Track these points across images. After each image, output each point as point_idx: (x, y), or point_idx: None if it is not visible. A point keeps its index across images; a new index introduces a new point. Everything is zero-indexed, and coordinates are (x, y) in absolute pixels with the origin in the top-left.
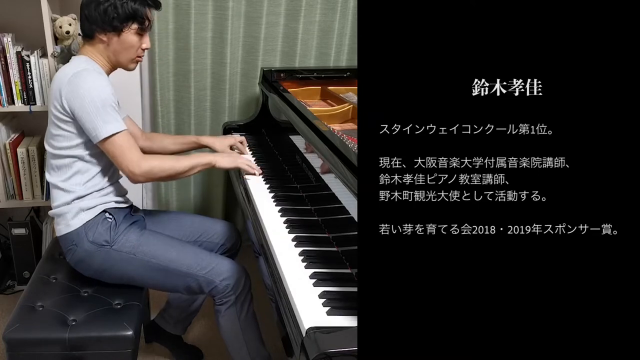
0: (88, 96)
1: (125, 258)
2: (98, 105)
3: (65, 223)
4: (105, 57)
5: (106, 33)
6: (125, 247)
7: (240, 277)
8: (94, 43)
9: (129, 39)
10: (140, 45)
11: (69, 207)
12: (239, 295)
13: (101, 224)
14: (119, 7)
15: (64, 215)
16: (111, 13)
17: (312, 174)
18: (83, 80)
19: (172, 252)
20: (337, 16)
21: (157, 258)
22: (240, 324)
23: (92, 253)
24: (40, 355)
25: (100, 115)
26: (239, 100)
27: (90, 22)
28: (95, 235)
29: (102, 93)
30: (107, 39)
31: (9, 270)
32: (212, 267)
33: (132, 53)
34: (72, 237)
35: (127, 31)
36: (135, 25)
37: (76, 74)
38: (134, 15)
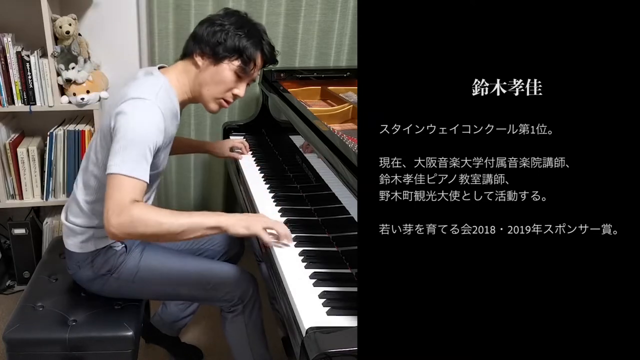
0: (128, 127)
1: (125, 285)
2: (128, 140)
3: (75, 241)
4: (189, 83)
5: (204, 56)
6: (125, 274)
7: (248, 286)
8: (188, 63)
9: (224, 74)
10: (233, 87)
11: (83, 230)
12: (247, 304)
13: (107, 252)
14: (230, 37)
15: (76, 235)
16: (219, 37)
17: (312, 174)
18: (135, 110)
19: (172, 274)
20: (337, 16)
21: (158, 282)
22: (247, 331)
23: (92, 280)
24: (40, 355)
25: (124, 150)
26: (239, 100)
27: (194, 40)
28: (100, 265)
29: (143, 131)
30: (202, 64)
31: (9, 270)
32: (215, 280)
33: (219, 91)
34: (78, 259)
35: (227, 64)
36: (238, 62)
37: (138, 100)
38: (242, 51)
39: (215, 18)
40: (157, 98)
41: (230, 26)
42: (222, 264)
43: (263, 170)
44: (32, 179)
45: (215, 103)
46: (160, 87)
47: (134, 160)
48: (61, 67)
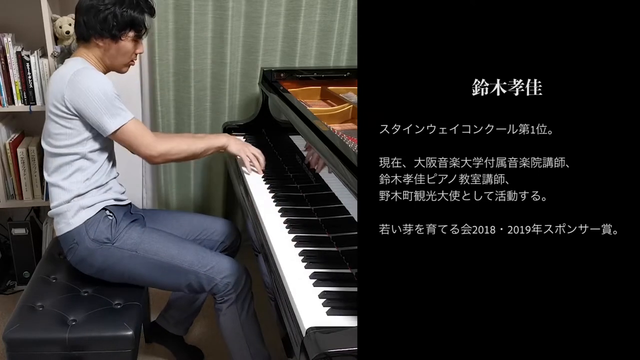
0: (92, 92)
1: (127, 255)
2: (103, 99)
3: (65, 222)
4: (99, 60)
5: (103, 39)
6: (127, 244)
7: (241, 276)
8: (90, 46)
9: (126, 46)
10: (134, 50)
11: (69, 205)
12: (240, 294)
13: (102, 221)
14: (119, 16)
15: (64, 214)
16: (111, 21)
17: (312, 174)
18: (84, 78)
19: (174, 249)
20: (337, 16)
21: (159, 255)
22: (241, 322)
23: (94, 251)
24: (40, 355)
25: (107, 109)
26: (239, 100)
27: (87, 28)
28: (97, 233)
29: (104, 87)
30: (103, 45)
31: (9, 270)
32: (212, 264)
33: (126, 58)
34: (73, 236)
35: (125, 38)
36: (132, 32)
37: (76, 73)
38: (132, 23)
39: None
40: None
41: (113, 6)
42: (219, 253)
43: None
44: (32, 179)
45: (126, 67)
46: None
47: (119, 109)
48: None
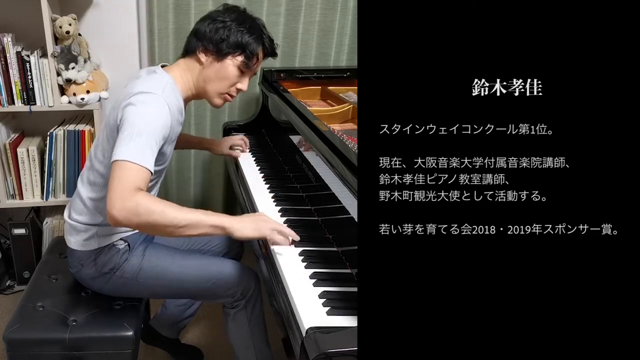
0: (135, 117)
1: (129, 283)
2: (135, 130)
3: (77, 239)
4: (193, 80)
5: (207, 53)
6: (128, 272)
7: (249, 281)
8: (190, 60)
9: (228, 70)
10: (236, 82)
11: (86, 227)
12: (249, 300)
13: (110, 250)
14: (233, 33)
15: (79, 232)
16: (222, 34)
17: (312, 174)
18: (144, 103)
19: (175, 270)
20: (337, 16)
21: (161, 280)
22: (250, 327)
23: (95, 278)
24: (40, 355)
25: (132, 138)
26: (239, 100)
27: (197, 37)
28: (103, 263)
29: (151, 121)
30: (205, 60)
31: (9, 270)
32: (218, 277)
33: (224, 86)
34: (80, 257)
35: (230, 60)
36: (241, 57)
37: (147, 94)
38: (244, 47)
39: (216, 15)
40: (164, 93)
41: (232, 22)
42: (224, 260)
43: (263, 170)
44: (32, 179)
45: (219, 98)
46: (166, 84)
47: (140, 148)
48: (61, 67)
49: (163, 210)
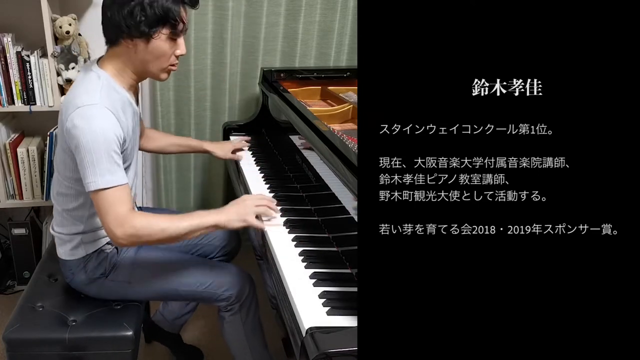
0: (85, 141)
1: (121, 287)
2: (93, 154)
3: (65, 249)
4: (130, 68)
5: (133, 39)
6: (120, 275)
7: (244, 285)
8: (119, 51)
9: (160, 46)
10: (173, 51)
11: (70, 237)
12: (244, 303)
13: (99, 256)
14: (148, 8)
15: (65, 243)
16: (138, 15)
17: (312, 174)
18: (85, 120)
19: (169, 274)
20: (337, 16)
21: (154, 283)
22: (245, 331)
23: (88, 284)
24: (40, 355)
25: (93, 165)
26: (239, 100)
27: (112, 26)
28: (93, 269)
29: (100, 139)
30: (133, 46)
31: (9, 270)
32: (212, 280)
33: (163, 62)
34: (70, 266)
35: (157, 37)
36: (167, 29)
37: (83, 109)
38: (166, 17)
39: None
40: (101, 98)
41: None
42: (219, 263)
43: (263, 170)
44: (32, 179)
45: (164, 73)
46: (102, 85)
47: (107, 170)
48: (61, 67)
49: (161, 227)
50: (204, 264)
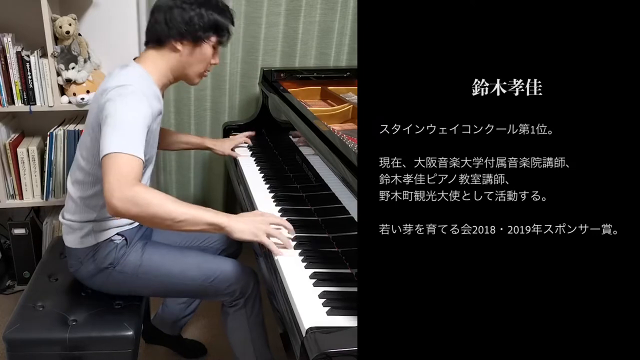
0: (116, 111)
1: (129, 279)
2: (119, 122)
3: (74, 238)
4: (169, 68)
5: (183, 42)
6: (128, 267)
7: (249, 280)
8: (163, 51)
9: (205, 52)
10: (212, 59)
11: (82, 225)
12: (248, 298)
13: (108, 245)
14: (205, 18)
15: (75, 231)
16: (196, 22)
17: (312, 174)
18: (122, 96)
19: (175, 267)
20: (337, 16)
21: (160, 276)
22: (249, 327)
23: (95, 274)
24: (40, 355)
25: (116, 131)
26: (239, 100)
27: (169, 28)
28: (102, 259)
29: (132, 113)
30: (182, 48)
31: (9, 270)
32: (217, 274)
33: (203, 67)
34: (79, 254)
35: (206, 43)
36: (215, 37)
37: (124, 87)
38: (217, 27)
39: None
40: (139, 84)
41: (199, 7)
42: (224, 258)
43: (263, 170)
44: (32, 179)
45: (199, 77)
46: (139, 75)
47: (127, 138)
48: (61, 67)
49: (162, 202)
50: (209, 259)
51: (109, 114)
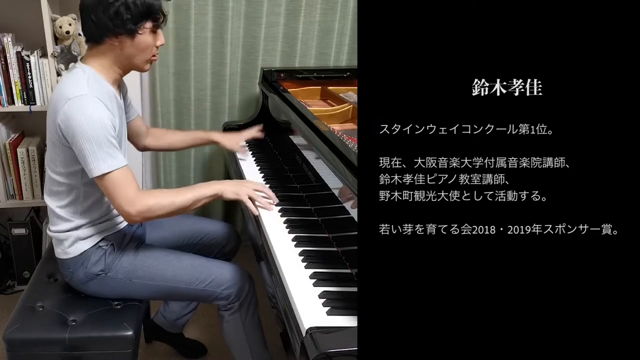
0: (82, 130)
1: (122, 284)
2: (92, 141)
3: (62, 249)
4: (116, 64)
5: (118, 37)
6: (120, 272)
7: (244, 283)
8: (103, 49)
9: (144, 40)
10: (154, 43)
11: (66, 234)
12: (243, 301)
13: (96, 252)
14: (132, 7)
15: (62, 242)
16: (124, 14)
17: (312, 174)
18: (79, 111)
19: (169, 271)
20: (337, 16)
21: (154, 280)
22: (244, 330)
23: (88, 282)
24: (40, 355)
25: (94, 152)
26: (239, 100)
27: (98, 27)
28: (91, 266)
29: (97, 126)
30: (119, 43)
31: (9, 270)
32: (212, 278)
33: (147, 54)
34: (69, 265)
35: (142, 31)
36: (150, 23)
37: (72, 101)
38: (149, 12)
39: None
40: (90, 88)
41: None
42: (218, 262)
43: (263, 170)
44: (32, 179)
45: (147, 64)
46: (88, 77)
47: (107, 154)
48: (61, 67)
49: (170, 201)
50: (203, 262)
51: (75, 134)
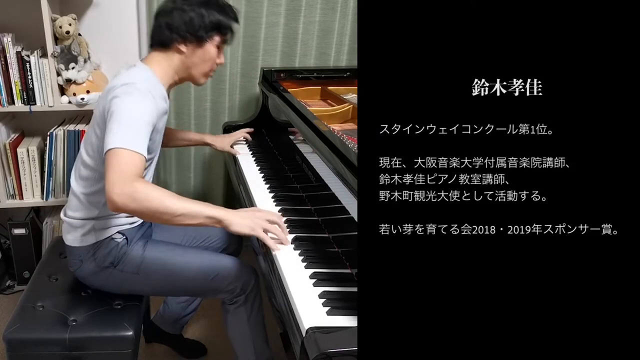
0: (122, 110)
1: (129, 277)
2: (124, 118)
3: (75, 236)
4: (175, 69)
5: (187, 43)
6: (129, 266)
7: (249, 278)
8: (168, 53)
9: (210, 51)
10: (217, 59)
11: (83, 222)
12: (249, 295)
13: (109, 244)
14: (206, 17)
15: (76, 229)
16: (197, 22)
17: (312, 174)
18: (128, 95)
19: (176, 264)
20: (337, 16)
21: (161, 273)
22: (249, 324)
23: (96, 273)
24: (40, 355)
25: (120, 127)
26: (239, 100)
27: (171, 31)
28: (103, 257)
29: (138, 111)
30: (186, 50)
31: (9, 270)
32: (218, 272)
33: (208, 66)
34: (80, 253)
35: (209, 43)
36: (218, 37)
37: (129, 85)
38: (219, 26)
39: (180, 3)
40: (145, 83)
41: (199, 7)
42: (224, 255)
43: (263, 170)
44: (32, 179)
45: (205, 77)
46: (145, 76)
47: (131, 135)
48: (61, 67)
49: (161, 197)
50: (209, 256)
51: (114, 111)
